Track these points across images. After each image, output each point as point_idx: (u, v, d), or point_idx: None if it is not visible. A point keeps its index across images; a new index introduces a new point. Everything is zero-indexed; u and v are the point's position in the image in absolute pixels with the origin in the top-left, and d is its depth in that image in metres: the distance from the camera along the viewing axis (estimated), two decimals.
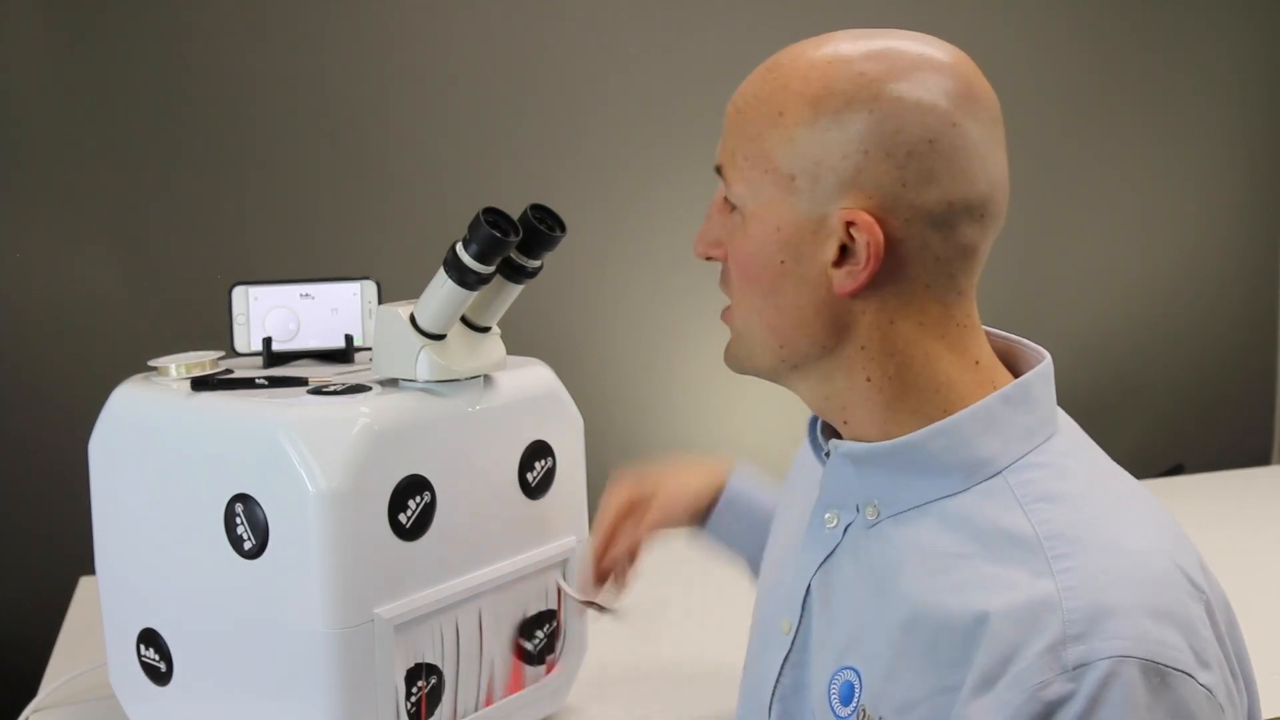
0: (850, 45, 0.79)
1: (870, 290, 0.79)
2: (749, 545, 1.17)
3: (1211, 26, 2.38)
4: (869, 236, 0.77)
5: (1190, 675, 0.70)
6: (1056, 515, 0.76)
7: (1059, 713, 0.69)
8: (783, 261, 0.80)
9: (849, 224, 0.77)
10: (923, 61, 0.78)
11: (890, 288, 0.79)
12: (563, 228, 1.06)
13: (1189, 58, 2.38)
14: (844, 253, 0.78)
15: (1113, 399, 2.39)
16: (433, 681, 1.07)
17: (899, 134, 0.76)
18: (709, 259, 0.87)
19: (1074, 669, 0.69)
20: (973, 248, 0.80)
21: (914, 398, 0.81)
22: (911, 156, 0.77)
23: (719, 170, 0.84)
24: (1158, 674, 0.69)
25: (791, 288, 0.81)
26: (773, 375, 0.87)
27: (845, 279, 0.79)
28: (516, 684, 1.17)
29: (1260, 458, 2.54)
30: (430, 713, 1.07)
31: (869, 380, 0.82)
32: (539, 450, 1.16)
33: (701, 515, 1.19)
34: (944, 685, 0.75)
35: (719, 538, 1.20)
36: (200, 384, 1.09)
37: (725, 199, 0.84)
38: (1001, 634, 0.72)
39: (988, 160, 0.79)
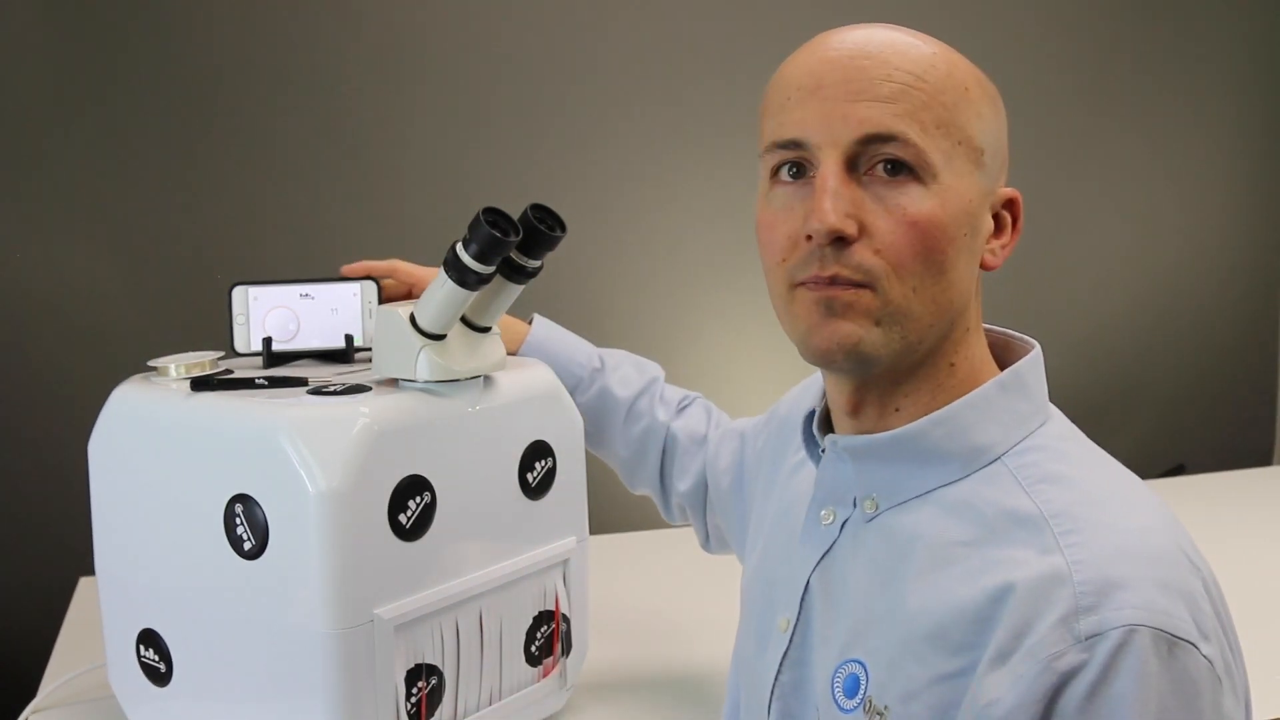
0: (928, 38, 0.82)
1: None
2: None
3: (1211, 27, 2.38)
4: (1019, 212, 0.84)
5: (1194, 645, 0.71)
6: (1059, 495, 0.77)
7: (1073, 682, 0.70)
8: (965, 234, 0.80)
9: (1011, 200, 0.83)
10: None
11: None
12: (563, 227, 1.06)
13: (1189, 57, 2.38)
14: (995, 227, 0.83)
15: (1113, 399, 2.39)
16: (433, 682, 1.07)
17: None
18: (840, 238, 0.77)
19: (1087, 639, 0.70)
20: None
21: (961, 384, 0.83)
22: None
23: (884, 138, 0.77)
24: (1166, 643, 0.70)
25: (963, 262, 0.80)
26: (892, 363, 0.80)
27: (1001, 252, 0.83)
28: (516, 685, 1.17)
29: (1262, 458, 2.54)
30: (430, 713, 1.07)
31: (952, 365, 0.82)
32: (539, 450, 1.16)
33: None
34: (948, 672, 0.75)
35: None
36: (200, 384, 1.09)
37: (889, 164, 0.77)
38: (1015, 609, 0.73)
39: None
